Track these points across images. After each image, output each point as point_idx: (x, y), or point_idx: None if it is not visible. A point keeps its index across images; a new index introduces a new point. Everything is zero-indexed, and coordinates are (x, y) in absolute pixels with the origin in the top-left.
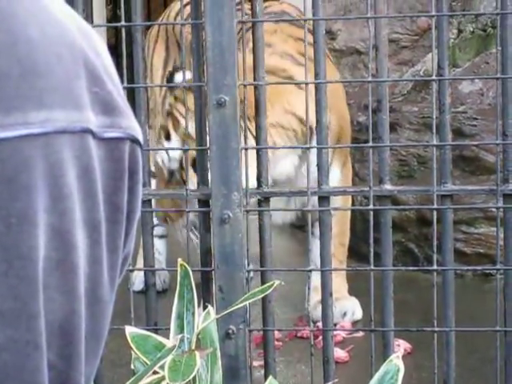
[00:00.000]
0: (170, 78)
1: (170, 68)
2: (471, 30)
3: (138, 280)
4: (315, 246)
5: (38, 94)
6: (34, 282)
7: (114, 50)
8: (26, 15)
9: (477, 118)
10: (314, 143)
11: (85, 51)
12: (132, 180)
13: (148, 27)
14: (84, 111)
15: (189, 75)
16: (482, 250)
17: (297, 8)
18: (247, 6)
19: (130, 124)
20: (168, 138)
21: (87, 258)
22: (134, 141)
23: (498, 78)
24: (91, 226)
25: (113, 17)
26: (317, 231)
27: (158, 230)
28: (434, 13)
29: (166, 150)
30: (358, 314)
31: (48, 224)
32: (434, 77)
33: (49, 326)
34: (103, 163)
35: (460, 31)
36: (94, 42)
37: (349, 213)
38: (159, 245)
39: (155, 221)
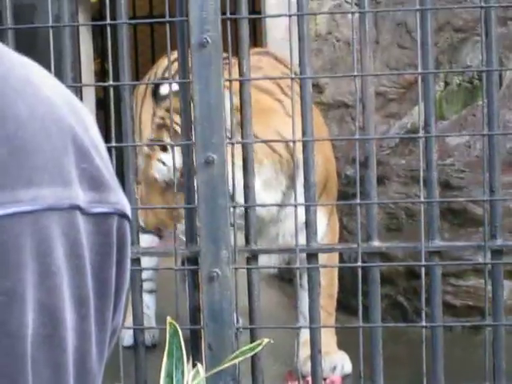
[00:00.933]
0: (156, 90)
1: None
2: (458, 82)
3: (127, 335)
4: (304, 299)
5: (27, 172)
6: (22, 359)
7: (103, 104)
8: (14, 93)
9: (464, 171)
10: (300, 178)
11: (73, 127)
12: (120, 254)
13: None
14: (72, 187)
15: (175, 86)
16: (471, 303)
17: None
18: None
19: (118, 199)
20: (165, 149)
21: (76, 332)
22: (122, 215)
23: (484, 135)
24: (79, 301)
25: (101, 70)
26: (305, 283)
27: (147, 285)
28: (420, 69)
29: (159, 208)
30: (348, 367)
31: (36, 300)
32: (420, 133)
33: None
34: (91, 238)
35: (447, 83)
36: (83, 117)
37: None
38: (148, 300)
39: (144, 276)
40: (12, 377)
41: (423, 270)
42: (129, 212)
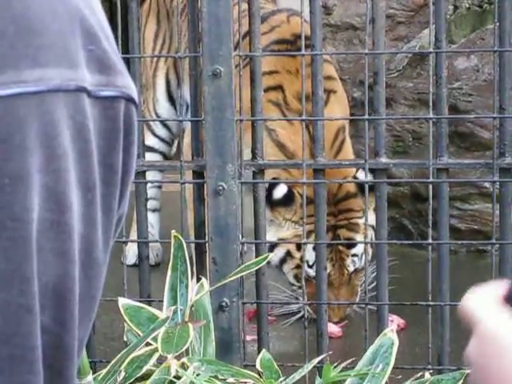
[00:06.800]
0: None
1: (160, 40)
2: (467, 5)
3: (130, 253)
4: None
5: (33, 52)
6: (27, 244)
7: (109, 22)
8: None
9: (472, 94)
10: None
11: (80, 8)
12: (127, 140)
13: None
14: (79, 69)
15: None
16: (476, 227)
17: None
18: None
19: (126, 83)
20: None
21: (82, 219)
22: (130, 100)
23: (495, 51)
24: (86, 187)
25: None
26: None
27: (151, 204)
28: None
29: (161, 120)
30: None
31: (42, 185)
32: (431, 49)
33: (42, 289)
34: (98, 123)
35: (456, 7)
36: (90, 0)
37: None
38: (152, 218)
39: (149, 193)
40: (16, 262)
41: (431, 188)
42: (136, 96)
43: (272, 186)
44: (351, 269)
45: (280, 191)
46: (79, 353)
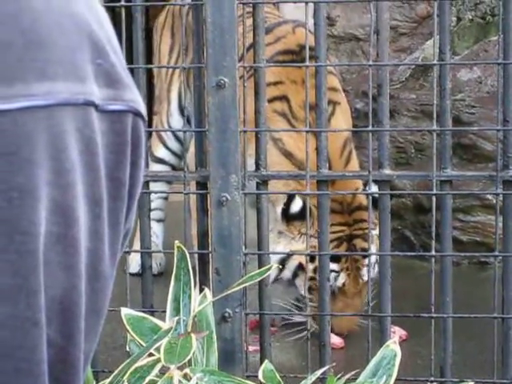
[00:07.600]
0: None
1: (175, 54)
2: (470, 17)
3: (134, 263)
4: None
5: (41, 65)
6: (34, 258)
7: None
8: None
9: (475, 106)
10: None
11: (89, 22)
12: (134, 154)
13: (147, 9)
14: (87, 83)
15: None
16: (478, 239)
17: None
18: None
19: (133, 97)
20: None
21: (89, 233)
22: (137, 114)
23: (499, 64)
24: (93, 201)
25: None
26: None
27: (156, 214)
28: None
29: (168, 131)
30: None
31: (50, 198)
32: (435, 61)
33: (49, 302)
34: (106, 137)
35: (459, 19)
36: (98, 14)
37: None
38: (157, 228)
39: (155, 204)
40: (23, 275)
41: (434, 199)
42: (143, 111)
43: (290, 200)
44: (365, 278)
45: (297, 205)
46: (85, 366)
